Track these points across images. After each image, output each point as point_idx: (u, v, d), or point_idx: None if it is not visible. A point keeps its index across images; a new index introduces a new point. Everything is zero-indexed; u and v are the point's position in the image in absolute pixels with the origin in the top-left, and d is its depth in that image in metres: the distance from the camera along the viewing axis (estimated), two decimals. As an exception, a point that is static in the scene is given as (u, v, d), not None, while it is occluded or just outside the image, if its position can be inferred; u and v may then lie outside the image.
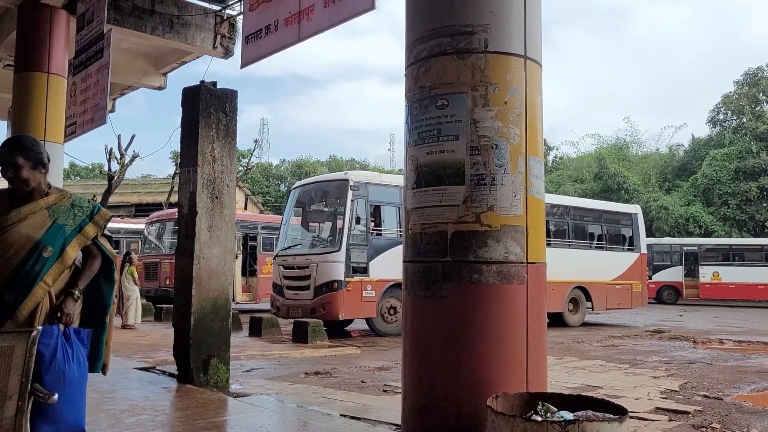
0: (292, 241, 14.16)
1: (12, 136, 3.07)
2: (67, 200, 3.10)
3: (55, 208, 3.03)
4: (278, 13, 6.04)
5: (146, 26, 9.58)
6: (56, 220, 3.00)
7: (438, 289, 3.41)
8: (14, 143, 3.01)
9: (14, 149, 2.96)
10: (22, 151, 2.95)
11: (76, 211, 3.08)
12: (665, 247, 29.39)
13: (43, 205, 3.00)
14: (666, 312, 22.72)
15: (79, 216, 3.08)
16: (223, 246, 6.27)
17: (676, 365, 9.26)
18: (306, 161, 61.42)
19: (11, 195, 3.02)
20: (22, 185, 2.96)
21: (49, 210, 3.01)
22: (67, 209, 3.06)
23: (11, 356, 2.12)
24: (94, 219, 3.12)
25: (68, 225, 3.03)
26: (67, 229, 3.02)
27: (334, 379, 7.67)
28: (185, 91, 6.51)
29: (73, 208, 3.08)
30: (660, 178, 40.41)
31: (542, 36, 3.74)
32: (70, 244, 3.01)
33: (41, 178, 3.02)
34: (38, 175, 3.00)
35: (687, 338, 13.14)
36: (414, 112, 3.62)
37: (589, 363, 9.30)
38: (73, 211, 3.07)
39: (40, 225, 2.95)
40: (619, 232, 18.04)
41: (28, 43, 9.06)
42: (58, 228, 2.99)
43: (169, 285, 17.53)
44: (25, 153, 2.95)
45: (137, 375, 6.73)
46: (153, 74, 12.52)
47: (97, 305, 3.19)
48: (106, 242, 3.22)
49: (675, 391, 7.13)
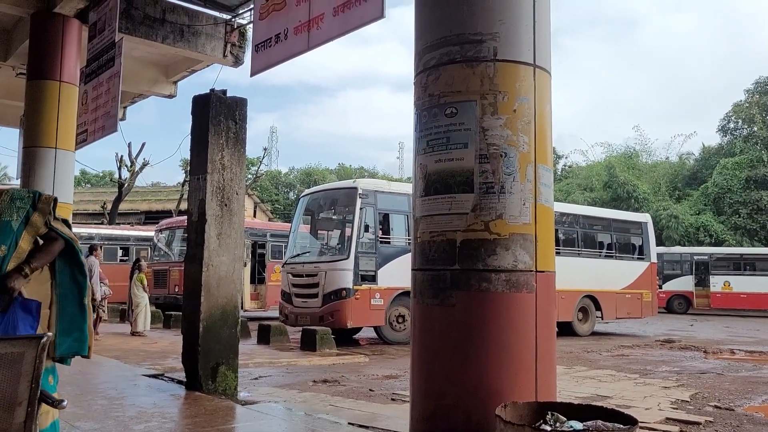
0: (301, 249, 14.17)
1: None
2: (5, 196, 3.06)
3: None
4: (288, 22, 6.07)
5: (157, 35, 9.66)
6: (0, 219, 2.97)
7: (447, 297, 3.40)
8: None
9: None
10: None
11: (18, 204, 3.04)
12: (675, 256, 29.20)
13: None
14: (676, 322, 22.55)
15: (22, 208, 3.04)
16: (232, 253, 6.29)
17: (687, 375, 9.19)
18: (315, 169, 61.57)
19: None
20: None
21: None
22: (8, 204, 3.02)
23: (21, 362, 2.13)
24: (38, 207, 3.08)
25: (14, 220, 2.99)
26: (14, 224, 2.99)
27: (342, 388, 7.66)
28: (195, 99, 6.55)
29: (13, 201, 3.04)
30: (670, 187, 40.21)
31: (551, 44, 3.74)
32: (22, 238, 2.99)
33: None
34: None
35: (698, 348, 13.03)
36: (423, 121, 3.63)
37: (598, 372, 9.24)
38: (14, 204, 3.03)
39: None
40: (628, 241, 17.95)
41: (40, 51, 9.15)
42: (4, 225, 2.97)
43: (178, 292, 17.56)
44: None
45: (146, 382, 6.74)
46: (163, 82, 12.62)
47: (73, 289, 3.17)
48: (62, 226, 3.18)
49: (686, 401, 7.07)
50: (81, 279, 3.20)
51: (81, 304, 3.17)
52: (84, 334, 3.15)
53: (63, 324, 3.11)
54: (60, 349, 3.06)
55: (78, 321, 3.12)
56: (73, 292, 3.16)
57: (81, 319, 3.14)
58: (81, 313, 3.15)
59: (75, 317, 3.13)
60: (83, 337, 3.14)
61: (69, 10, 9.10)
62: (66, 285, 3.14)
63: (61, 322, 3.10)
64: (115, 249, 22.69)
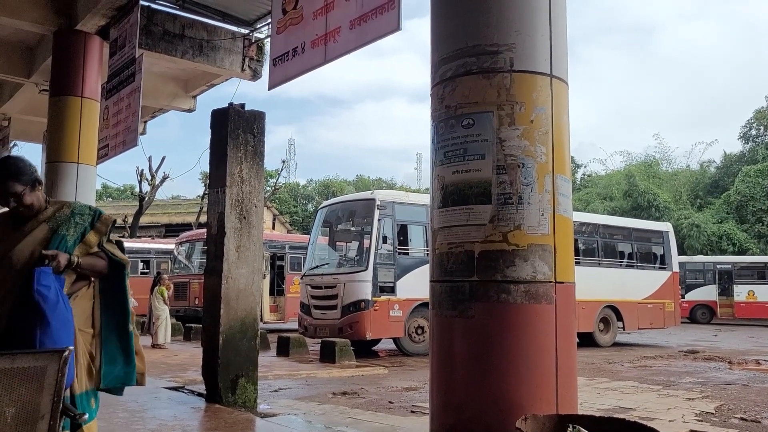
0: (319, 261, 14.20)
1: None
2: (66, 209, 2.97)
3: (54, 219, 2.91)
4: (305, 36, 6.12)
5: (176, 50, 9.79)
6: (56, 231, 2.88)
7: (465, 308, 3.38)
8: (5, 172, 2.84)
9: (8, 178, 2.81)
10: (16, 178, 2.82)
11: (77, 219, 2.95)
12: (698, 265, 28.80)
13: (42, 219, 2.89)
14: (700, 332, 22.22)
15: (80, 224, 2.94)
16: (251, 266, 6.32)
17: (712, 387, 9.03)
18: (333, 181, 61.78)
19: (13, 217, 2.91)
20: (28, 210, 2.85)
21: (49, 222, 2.90)
22: (67, 218, 2.93)
23: (44, 376, 2.15)
24: (96, 226, 2.98)
25: (69, 234, 2.90)
26: (68, 238, 2.89)
27: (361, 400, 7.63)
28: (214, 113, 6.61)
29: (73, 216, 2.95)
30: (691, 195, 39.76)
31: (568, 53, 3.74)
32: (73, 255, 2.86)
33: (40, 194, 2.90)
34: (38, 194, 2.89)
35: (722, 359, 12.82)
36: (440, 132, 3.63)
37: (620, 384, 9.12)
38: (73, 219, 2.94)
39: (41, 239, 2.85)
40: (649, 250, 17.75)
41: (62, 68, 9.31)
42: (59, 238, 2.87)
43: (198, 305, 17.67)
44: (19, 179, 2.83)
45: (167, 394, 6.77)
46: (183, 97, 12.76)
47: (117, 315, 3.05)
48: (114, 248, 3.07)
49: (710, 413, 6.95)
50: (126, 304, 3.07)
51: (125, 330, 3.03)
52: (131, 362, 3.02)
53: (108, 353, 2.98)
54: (105, 380, 2.92)
55: (123, 349, 3.00)
56: (117, 318, 3.04)
57: (127, 347, 3.01)
58: (126, 340, 3.02)
59: (120, 345, 3.01)
60: (130, 365, 3.02)
61: (90, 27, 9.26)
62: (109, 311, 3.02)
63: (106, 352, 2.97)
64: (136, 262, 22.90)
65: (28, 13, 9.16)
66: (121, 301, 3.07)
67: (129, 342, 3.04)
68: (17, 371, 2.12)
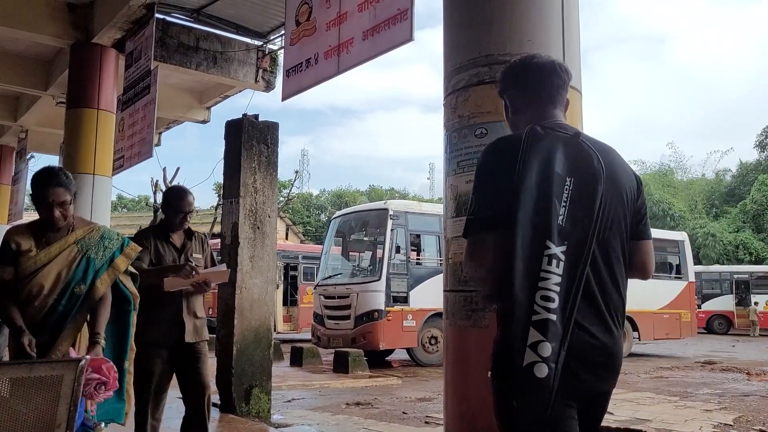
0: (333, 271, 14.21)
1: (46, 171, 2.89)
2: (96, 233, 2.95)
3: (84, 242, 2.89)
4: (318, 47, 6.16)
5: (191, 62, 9.88)
6: (86, 255, 2.86)
7: (479, 318, 3.37)
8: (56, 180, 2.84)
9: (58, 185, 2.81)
10: (67, 187, 2.83)
11: (107, 243, 2.94)
12: (714, 275, 28.49)
13: (71, 240, 2.86)
14: (717, 342, 21.96)
15: (110, 249, 2.94)
16: (265, 276, 6.34)
17: (730, 398, 8.91)
18: (346, 191, 61.91)
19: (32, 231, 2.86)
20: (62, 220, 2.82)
21: (78, 244, 2.87)
22: (97, 242, 2.92)
23: (60, 385, 2.17)
24: (125, 251, 2.98)
25: (98, 259, 2.88)
26: (97, 263, 2.87)
27: (375, 410, 7.61)
28: (228, 124, 6.66)
29: (102, 240, 2.94)
30: (707, 205, 39.42)
31: (581, 63, 3.73)
32: (100, 279, 2.87)
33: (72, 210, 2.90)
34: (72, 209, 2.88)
35: (740, 370, 12.65)
36: (453, 142, 3.63)
37: (637, 395, 9.03)
38: (103, 243, 2.93)
39: (71, 261, 2.82)
40: (665, 259, 17.59)
41: (79, 81, 9.43)
42: (89, 262, 2.86)
43: (212, 315, 17.70)
44: (68, 188, 2.84)
45: (180, 404, 6.78)
46: (197, 108, 12.87)
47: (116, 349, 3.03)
48: (128, 280, 3.06)
49: (729, 425, 6.86)
50: (127, 340, 3.06)
51: (120, 367, 3.00)
52: (122, 400, 3.00)
53: None
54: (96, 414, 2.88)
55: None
56: (114, 354, 3.01)
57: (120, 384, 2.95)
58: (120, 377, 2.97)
59: None
60: (121, 402, 3.00)
61: (107, 41, 9.38)
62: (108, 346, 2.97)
63: None
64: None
65: (45, 27, 9.29)
66: (122, 337, 3.06)
67: (122, 379, 3.01)
68: (34, 380, 2.15)
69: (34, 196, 2.86)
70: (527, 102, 2.11)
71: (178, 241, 3.90)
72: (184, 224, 3.88)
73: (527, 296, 1.71)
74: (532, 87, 2.10)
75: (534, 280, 1.72)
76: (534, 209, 1.76)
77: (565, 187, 1.80)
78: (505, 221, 1.78)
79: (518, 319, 1.71)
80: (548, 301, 1.71)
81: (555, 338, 1.69)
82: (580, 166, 1.85)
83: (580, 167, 1.85)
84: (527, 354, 1.68)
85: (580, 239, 1.80)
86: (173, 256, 3.83)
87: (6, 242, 2.81)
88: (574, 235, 1.79)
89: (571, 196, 1.80)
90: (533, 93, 2.09)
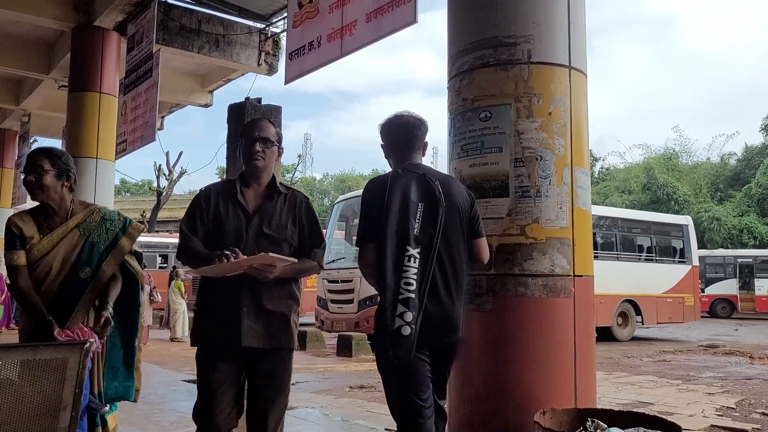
0: (336, 255, 14.22)
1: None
2: (96, 215, 2.93)
3: (85, 225, 2.87)
4: (321, 30, 6.12)
5: (193, 45, 9.84)
6: (88, 238, 2.85)
7: (483, 302, 3.37)
8: (43, 149, 2.90)
9: (42, 154, 2.83)
10: (49, 157, 2.81)
11: (108, 225, 2.91)
12: (718, 259, 28.44)
13: (72, 225, 2.84)
14: (720, 326, 21.97)
15: (112, 230, 2.91)
16: (269, 260, 6.33)
17: (732, 381, 8.93)
18: (349, 175, 61.85)
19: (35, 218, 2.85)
20: (40, 192, 2.78)
21: (79, 228, 2.85)
22: (98, 224, 2.90)
23: (65, 368, 2.17)
24: (128, 232, 2.95)
25: (101, 241, 2.86)
26: (100, 245, 2.86)
27: (378, 393, 7.64)
28: (231, 107, 6.63)
29: (104, 222, 2.92)
30: (711, 188, 39.23)
31: (587, 46, 3.69)
32: (106, 261, 2.85)
33: (65, 192, 2.86)
34: (60, 188, 2.83)
35: (743, 353, 12.67)
36: (457, 125, 3.61)
37: (639, 378, 9.05)
38: (104, 225, 2.91)
39: (74, 246, 2.81)
40: (669, 244, 17.56)
41: (81, 64, 9.40)
42: (92, 246, 2.84)
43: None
44: (51, 159, 2.81)
45: (185, 387, 6.83)
46: (200, 92, 12.84)
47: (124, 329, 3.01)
48: (133, 259, 3.03)
49: (731, 408, 6.87)
50: (136, 319, 3.04)
51: (131, 345, 3.02)
52: (132, 377, 3.00)
53: (110, 366, 2.95)
54: (105, 392, 2.90)
55: (126, 363, 2.99)
56: (123, 333, 3.01)
57: (129, 362, 3.00)
58: (130, 355, 3.00)
59: (123, 359, 2.99)
60: (130, 380, 3.00)
61: (108, 23, 9.33)
62: (118, 324, 2.95)
63: (109, 365, 2.94)
64: (155, 256, 23.08)
65: (47, 10, 9.25)
66: (131, 315, 3.04)
67: (132, 357, 3.02)
68: (40, 363, 2.16)
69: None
70: (393, 149, 2.95)
71: (253, 201, 2.82)
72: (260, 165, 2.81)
73: (395, 282, 2.56)
74: (396, 140, 2.93)
75: (399, 271, 2.56)
76: (398, 225, 2.60)
77: (418, 209, 2.65)
78: (379, 235, 2.62)
79: (390, 297, 2.55)
80: (409, 285, 2.55)
81: (414, 309, 2.54)
82: (428, 194, 2.68)
83: (427, 195, 2.68)
84: (396, 320, 2.53)
85: (429, 244, 2.62)
86: (238, 224, 2.74)
87: (9, 228, 2.81)
88: (425, 241, 2.62)
89: (423, 216, 2.64)
90: (396, 144, 2.94)
